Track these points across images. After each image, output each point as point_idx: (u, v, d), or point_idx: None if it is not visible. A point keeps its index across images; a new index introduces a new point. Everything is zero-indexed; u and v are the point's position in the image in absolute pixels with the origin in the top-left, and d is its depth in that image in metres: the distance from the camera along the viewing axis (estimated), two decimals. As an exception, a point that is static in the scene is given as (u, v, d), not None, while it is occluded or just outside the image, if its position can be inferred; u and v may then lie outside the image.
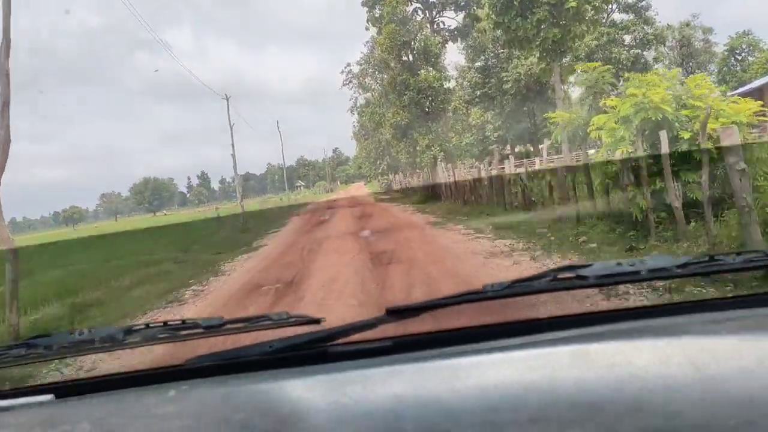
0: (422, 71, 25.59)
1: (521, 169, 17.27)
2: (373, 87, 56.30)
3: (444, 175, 26.07)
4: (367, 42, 54.94)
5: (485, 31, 27.92)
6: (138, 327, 1.34)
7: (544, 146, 43.28)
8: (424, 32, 26.28)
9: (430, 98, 25.68)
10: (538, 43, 26.03)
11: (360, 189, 68.82)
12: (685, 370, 0.91)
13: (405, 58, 26.33)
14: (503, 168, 19.55)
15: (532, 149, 44.85)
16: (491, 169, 19.71)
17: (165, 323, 1.35)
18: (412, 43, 26.25)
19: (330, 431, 0.88)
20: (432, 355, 1.08)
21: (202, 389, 1.11)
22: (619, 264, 1.24)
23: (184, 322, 1.34)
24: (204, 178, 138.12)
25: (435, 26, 27.44)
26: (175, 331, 1.32)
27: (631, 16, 41.31)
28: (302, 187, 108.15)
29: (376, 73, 56.12)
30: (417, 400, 0.94)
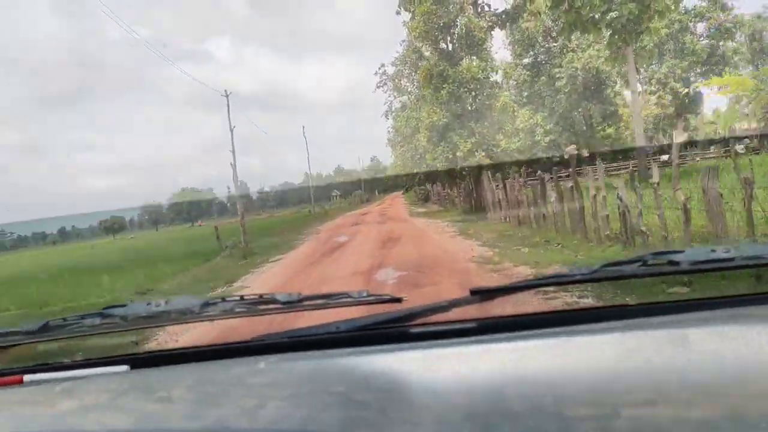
0: (464, 61, 20.76)
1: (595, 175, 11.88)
2: (409, 89, 51.66)
3: (490, 185, 21.12)
4: (403, 41, 50.56)
5: (539, 14, 22.84)
6: (214, 300, 1.31)
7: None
8: (466, 14, 21.37)
9: (473, 93, 20.83)
10: (608, 22, 20.71)
11: (396, 200, 64.13)
12: (714, 366, 0.87)
13: (443, 46, 21.54)
14: (578, 172, 14.18)
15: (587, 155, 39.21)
16: (561, 177, 14.33)
17: (242, 297, 1.33)
18: (452, 28, 21.41)
19: (433, 406, 0.86)
20: (526, 335, 1.04)
21: (293, 363, 1.08)
22: (713, 251, 1.18)
23: (261, 296, 1.32)
24: (243, 187, 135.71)
25: (479, 9, 22.38)
26: (252, 305, 1.30)
27: (705, 2, 35.41)
28: (338, 197, 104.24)
29: (413, 74, 51.55)
30: (519, 377, 0.91)
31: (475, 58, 20.88)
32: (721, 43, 34.33)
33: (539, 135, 39.91)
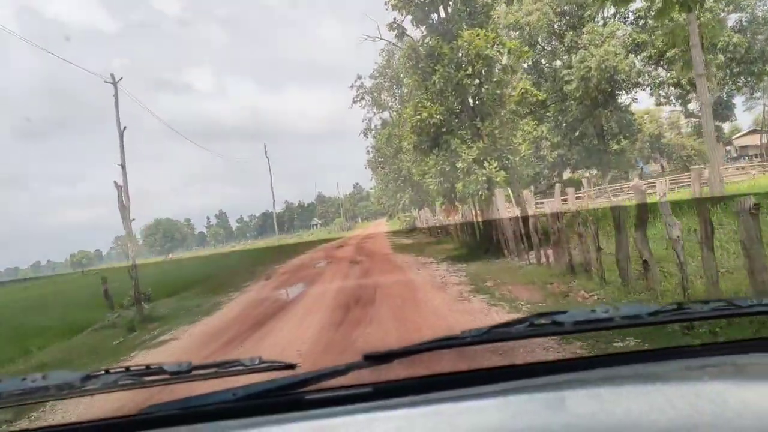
0: (465, 32, 14.18)
1: None
2: (389, 104, 45.19)
3: (500, 209, 14.37)
4: (382, 50, 44.30)
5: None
6: (97, 373, 1.23)
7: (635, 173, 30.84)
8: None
9: (478, 78, 14.24)
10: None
11: (380, 227, 57.14)
12: (669, 416, 0.89)
13: (433, 16, 15.02)
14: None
15: (599, 174, 32.74)
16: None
17: (127, 368, 1.25)
18: (445, -8, 14.85)
19: None
20: (413, 402, 1.04)
21: None
22: (593, 311, 1.22)
23: (148, 367, 1.24)
24: (222, 217, 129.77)
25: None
26: (138, 377, 1.22)
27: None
28: (318, 226, 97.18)
29: (393, 86, 45.12)
30: None
31: (479, 29, 14.33)
32: (760, 37, 28.24)
33: (545, 149, 33.49)
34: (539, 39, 31.18)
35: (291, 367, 1.22)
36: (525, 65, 30.62)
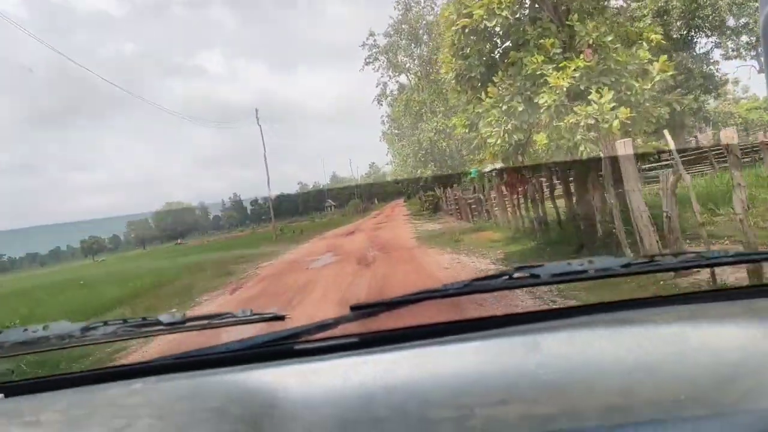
0: None
1: None
2: (407, 66, 38.39)
3: (630, 174, 7.90)
4: (398, 3, 37.42)
5: None
6: (96, 324, 1.26)
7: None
8: None
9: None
10: None
11: (396, 210, 50.78)
12: (635, 355, 0.94)
13: None
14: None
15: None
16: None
17: (124, 320, 1.28)
18: None
19: (304, 417, 0.89)
20: (396, 348, 1.07)
21: (171, 382, 1.07)
22: (568, 264, 1.26)
23: (144, 318, 1.28)
24: (236, 200, 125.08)
25: None
26: (135, 328, 1.26)
27: None
28: (332, 208, 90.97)
29: (411, 45, 38.35)
30: (387, 386, 0.94)
31: None
32: None
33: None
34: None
35: (280, 318, 1.26)
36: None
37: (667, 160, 11.80)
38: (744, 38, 25.48)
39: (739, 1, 23.05)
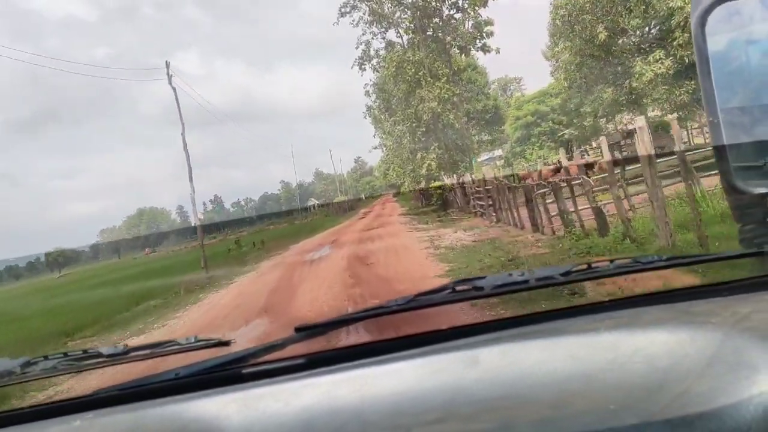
0: None
1: None
2: (398, 16, 28.91)
3: None
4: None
5: None
6: (36, 359, 1.22)
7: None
8: None
9: None
10: None
11: (387, 206, 41.43)
12: (568, 365, 0.93)
13: None
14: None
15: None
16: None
17: (65, 354, 1.24)
18: None
19: None
20: (343, 368, 1.06)
21: (110, 417, 1.05)
22: (510, 275, 1.25)
23: (85, 351, 1.25)
24: (217, 202, 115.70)
25: None
26: (76, 362, 1.22)
27: None
28: (316, 206, 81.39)
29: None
30: (328, 409, 0.94)
31: None
32: None
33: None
34: None
35: (225, 344, 1.21)
36: None
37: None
38: None
39: None
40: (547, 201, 10.85)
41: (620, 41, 16.73)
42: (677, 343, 0.95)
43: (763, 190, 1.17)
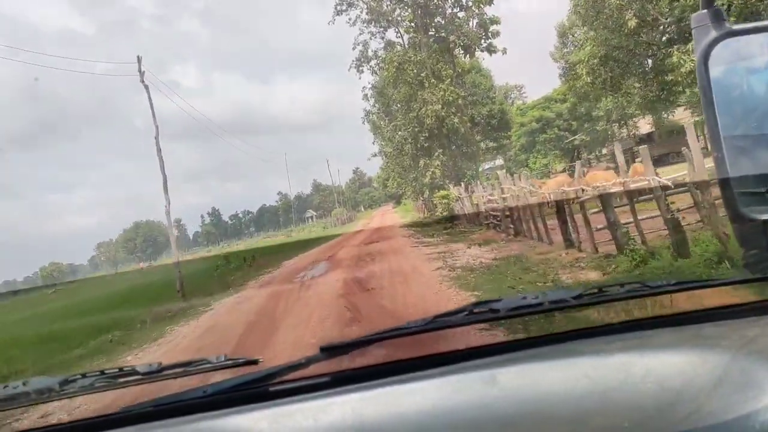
0: None
1: None
2: (397, 14, 26.96)
3: None
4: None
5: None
6: (74, 377, 1.25)
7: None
8: None
9: None
10: None
11: (386, 217, 39.33)
12: (583, 385, 0.97)
13: None
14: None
15: None
16: None
17: (102, 371, 1.27)
18: None
19: None
20: (367, 386, 1.07)
21: (150, 431, 1.06)
22: (524, 297, 1.28)
23: (121, 369, 1.27)
24: (215, 215, 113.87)
25: None
26: (112, 379, 1.25)
27: None
28: (314, 218, 79.36)
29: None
30: (355, 425, 0.96)
31: None
32: None
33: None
34: None
35: (254, 362, 1.23)
36: None
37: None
38: None
39: None
40: (591, 210, 8.77)
41: (651, 30, 14.78)
42: (688, 365, 0.97)
43: (766, 217, 1.17)
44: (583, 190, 9.62)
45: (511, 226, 13.47)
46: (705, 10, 1.04)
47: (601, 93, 17.80)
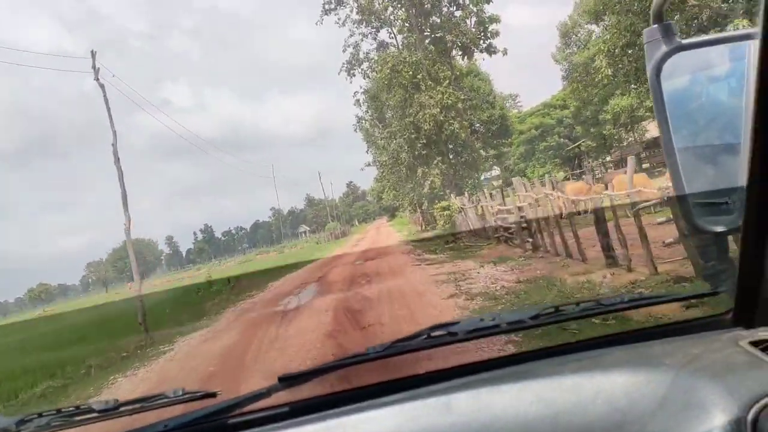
0: None
1: None
2: (390, 14, 25.13)
3: None
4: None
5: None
6: (31, 416, 1.21)
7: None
8: None
9: None
10: None
11: (381, 230, 37.30)
12: (536, 409, 0.97)
13: None
14: None
15: None
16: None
17: (59, 410, 1.23)
18: None
19: None
20: (325, 416, 1.07)
21: None
22: (482, 319, 1.26)
23: (78, 407, 1.23)
24: (207, 231, 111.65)
25: None
26: (69, 418, 1.21)
27: None
28: (307, 233, 77.12)
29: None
30: None
31: None
32: None
33: None
34: None
35: (212, 395, 1.24)
36: None
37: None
38: None
39: None
40: (660, 221, 6.81)
41: (681, 13, 13.03)
42: (633, 385, 0.98)
43: (720, 229, 1.18)
44: (628, 196, 7.68)
45: (529, 239, 11.49)
46: (656, 25, 1.07)
47: (624, 85, 16.04)
